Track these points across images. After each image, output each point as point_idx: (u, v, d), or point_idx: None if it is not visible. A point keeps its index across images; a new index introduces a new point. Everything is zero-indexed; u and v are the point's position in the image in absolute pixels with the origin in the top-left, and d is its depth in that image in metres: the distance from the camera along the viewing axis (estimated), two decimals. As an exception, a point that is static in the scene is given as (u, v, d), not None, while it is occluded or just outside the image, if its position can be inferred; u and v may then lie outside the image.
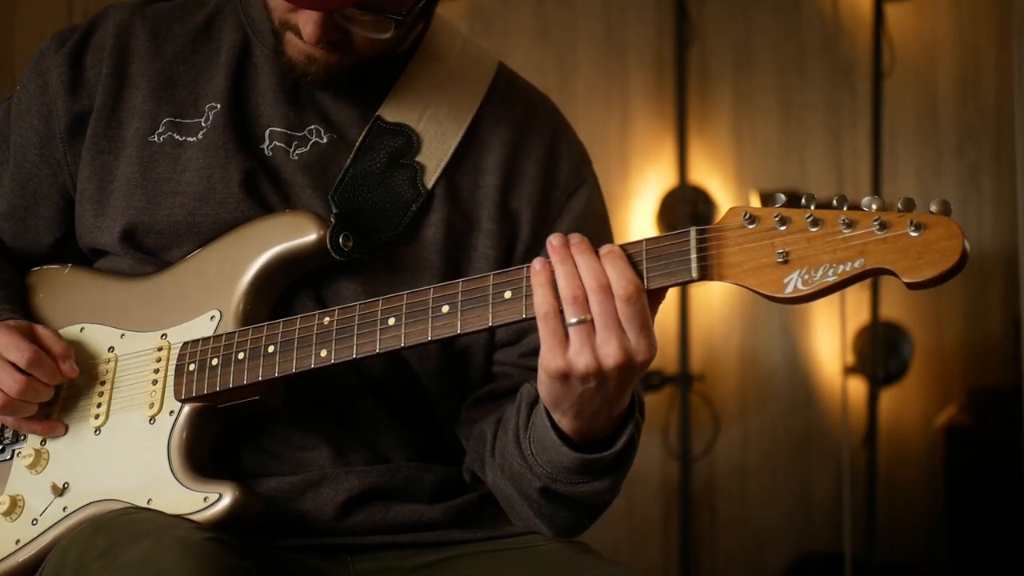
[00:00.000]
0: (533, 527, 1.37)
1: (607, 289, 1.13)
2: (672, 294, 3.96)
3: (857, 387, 3.91)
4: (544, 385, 1.18)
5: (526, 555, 1.38)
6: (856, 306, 3.87)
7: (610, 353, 1.12)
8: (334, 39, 1.32)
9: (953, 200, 4.43)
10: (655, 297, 1.17)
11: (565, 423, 1.21)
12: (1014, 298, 3.73)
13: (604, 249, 1.16)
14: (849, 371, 3.86)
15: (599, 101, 3.89)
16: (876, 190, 3.80)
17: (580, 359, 1.13)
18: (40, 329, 1.38)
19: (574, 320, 1.14)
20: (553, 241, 1.17)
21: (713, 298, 3.92)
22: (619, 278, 1.13)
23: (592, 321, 1.13)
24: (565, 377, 1.15)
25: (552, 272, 1.16)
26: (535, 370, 1.36)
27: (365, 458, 1.39)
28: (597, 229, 1.48)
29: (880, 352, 3.82)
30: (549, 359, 1.15)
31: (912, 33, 4.09)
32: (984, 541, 3.76)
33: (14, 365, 1.33)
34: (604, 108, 3.89)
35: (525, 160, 1.47)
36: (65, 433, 1.38)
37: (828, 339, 3.95)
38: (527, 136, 1.48)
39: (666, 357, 3.83)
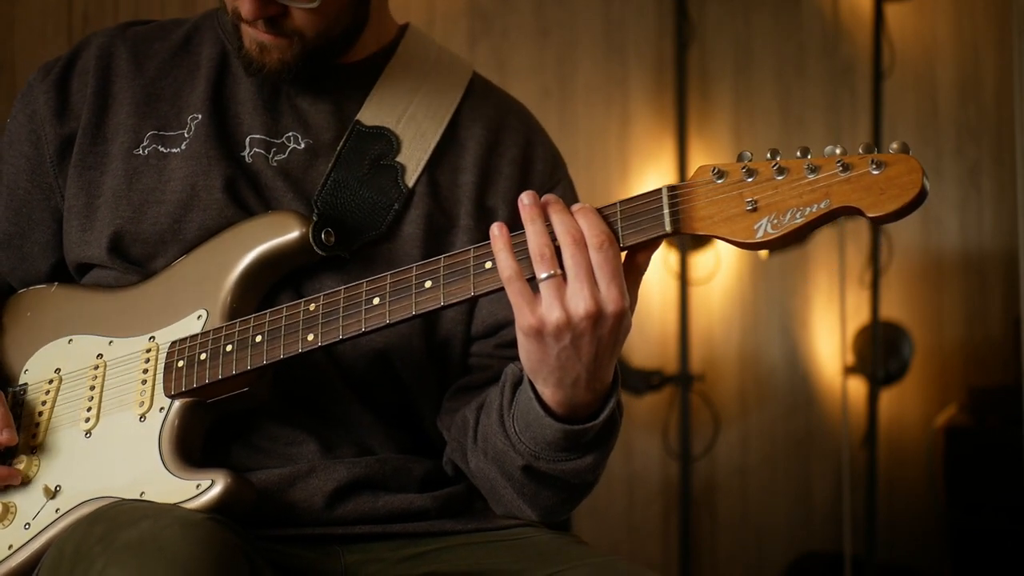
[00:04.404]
0: (515, 511, 1.39)
1: (580, 242, 1.17)
2: (672, 293, 3.98)
3: (857, 387, 3.91)
4: (523, 348, 1.21)
5: (516, 546, 1.39)
6: (856, 306, 3.88)
7: (580, 303, 1.15)
8: (272, 14, 1.36)
9: (953, 200, 4.45)
10: (635, 265, 1.21)
11: (548, 393, 1.23)
12: (1014, 298, 3.73)
13: (576, 206, 1.20)
14: (849, 371, 3.86)
15: (599, 101, 3.89)
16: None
17: (551, 313, 1.16)
18: None
19: (544, 275, 1.17)
20: (524, 199, 1.21)
21: (713, 298, 3.92)
22: (590, 227, 1.17)
23: (562, 275, 1.17)
24: (539, 334, 1.18)
25: (509, 237, 1.20)
26: (512, 360, 1.38)
27: (352, 452, 1.41)
28: None
29: (880, 352, 3.82)
30: (521, 318, 1.18)
31: (912, 33, 4.09)
32: (984, 541, 3.76)
33: None
34: (604, 108, 3.89)
35: (500, 160, 1.51)
36: (20, 484, 1.39)
37: (828, 339, 3.95)
38: (502, 137, 1.53)
39: (666, 357, 3.83)
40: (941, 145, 4.15)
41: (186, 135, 1.44)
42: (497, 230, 1.20)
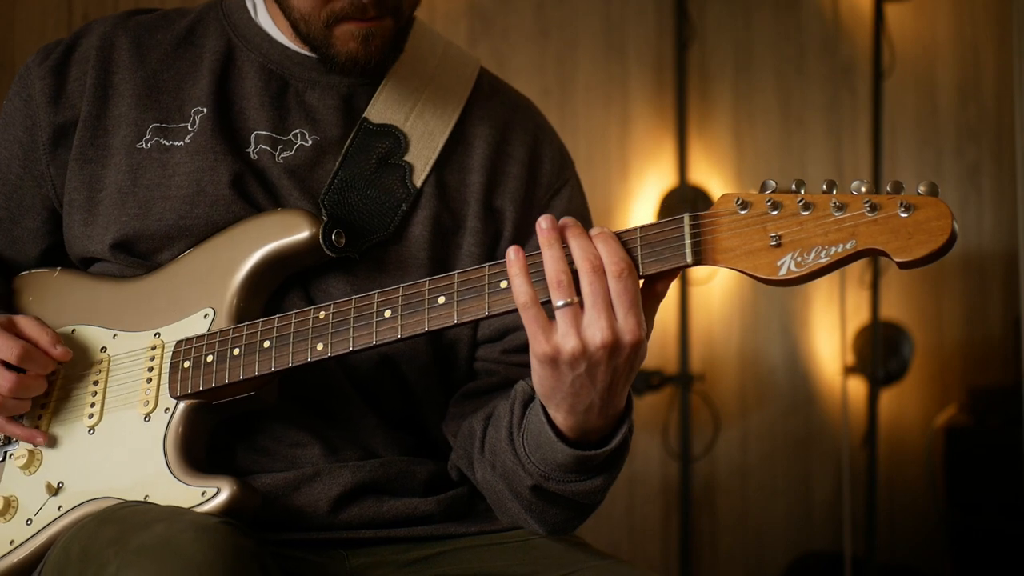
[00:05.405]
0: (522, 523, 1.37)
1: (599, 269, 1.14)
2: (672, 293, 3.97)
3: (857, 387, 3.91)
4: (536, 373, 1.18)
5: (520, 548, 1.39)
6: (856, 306, 3.88)
7: (596, 333, 1.13)
8: None
9: (953, 200, 4.45)
10: (654, 293, 1.19)
11: (560, 418, 1.21)
12: (1014, 298, 3.74)
13: (594, 231, 1.17)
14: (849, 371, 3.86)
15: (599, 101, 3.89)
16: (877, 190, 3.79)
17: (567, 342, 1.14)
18: (21, 320, 1.38)
19: (561, 303, 1.14)
20: (542, 223, 1.18)
21: (713, 298, 3.92)
22: (610, 255, 1.14)
23: (578, 303, 1.14)
24: (554, 362, 1.15)
25: (525, 261, 1.17)
26: (519, 366, 1.37)
27: (357, 455, 1.40)
28: None
29: (880, 352, 3.82)
30: (535, 345, 1.16)
31: (912, 33, 4.09)
32: (984, 541, 3.76)
33: (4, 363, 1.34)
34: (604, 108, 3.89)
35: (508, 160, 1.49)
36: (45, 443, 1.38)
37: (828, 339, 3.95)
38: (510, 136, 1.50)
39: (666, 357, 3.83)
40: (941, 145, 4.15)
41: (189, 128, 1.42)
42: (513, 254, 1.17)
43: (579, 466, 1.24)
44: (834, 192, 1.10)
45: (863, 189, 1.08)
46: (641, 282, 1.17)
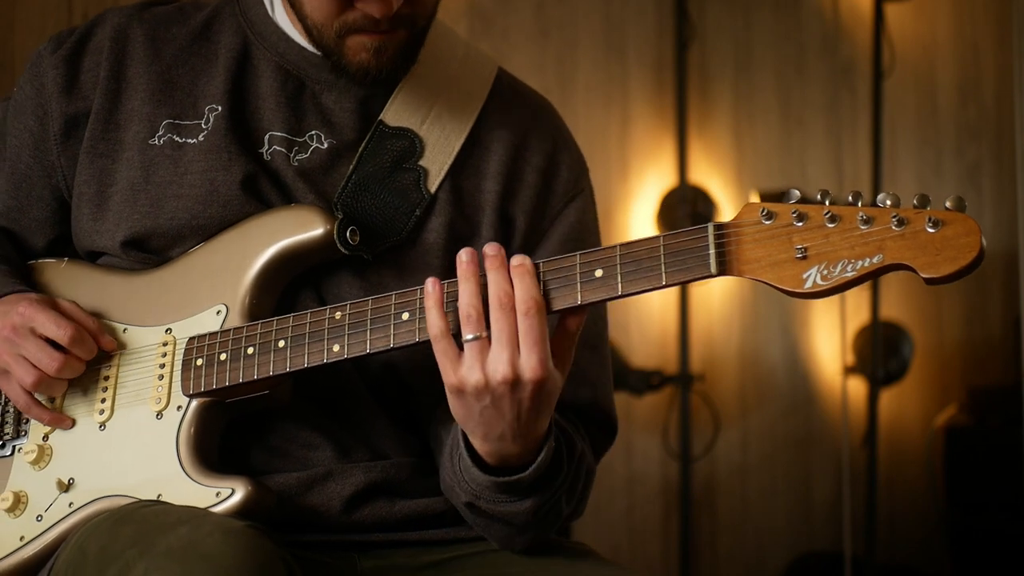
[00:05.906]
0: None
1: (508, 306, 1.15)
2: (672, 294, 3.97)
3: (857, 387, 3.91)
4: (449, 402, 1.21)
5: (528, 555, 1.37)
6: (856, 306, 3.88)
7: (498, 369, 1.15)
8: (402, 5, 1.32)
9: (953, 200, 4.44)
10: (565, 330, 1.19)
11: (477, 444, 1.23)
12: (1014, 298, 3.74)
13: (515, 262, 1.18)
14: (849, 371, 3.86)
15: (599, 101, 3.89)
16: (876, 190, 3.80)
17: (471, 375, 1.16)
18: (63, 304, 1.37)
19: (469, 337, 1.16)
20: (462, 256, 1.19)
21: (713, 298, 3.92)
22: (522, 292, 1.15)
23: (487, 337, 1.16)
24: (461, 393, 1.18)
25: (441, 293, 1.19)
26: None
27: (367, 457, 1.39)
28: (585, 241, 1.48)
29: (880, 352, 3.82)
30: (445, 376, 1.18)
31: (912, 33, 4.09)
32: (984, 541, 3.76)
33: (49, 341, 1.33)
34: (604, 108, 3.89)
35: (526, 166, 1.47)
36: (72, 426, 1.37)
37: (828, 339, 3.95)
38: (528, 142, 1.48)
39: (666, 357, 3.83)
40: (941, 145, 4.15)
41: (203, 126, 1.40)
42: (431, 286, 1.19)
43: (501, 489, 1.25)
44: (860, 204, 1.08)
45: (888, 203, 1.07)
46: (576, 315, 1.18)
